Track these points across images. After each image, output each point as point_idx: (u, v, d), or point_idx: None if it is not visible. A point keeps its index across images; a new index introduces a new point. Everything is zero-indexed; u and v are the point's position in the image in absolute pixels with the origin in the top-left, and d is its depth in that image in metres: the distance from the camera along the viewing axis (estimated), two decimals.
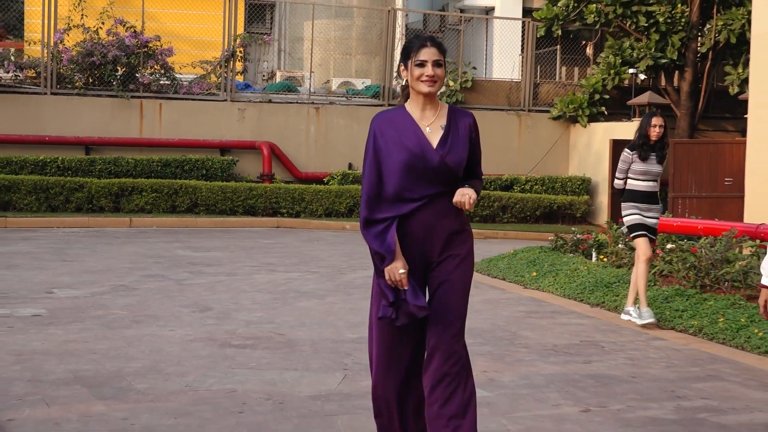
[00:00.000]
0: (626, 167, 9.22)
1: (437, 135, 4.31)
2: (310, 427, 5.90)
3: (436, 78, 4.28)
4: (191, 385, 6.76)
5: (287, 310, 9.78)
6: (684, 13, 20.72)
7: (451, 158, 4.26)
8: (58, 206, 18.15)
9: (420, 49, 4.29)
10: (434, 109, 4.40)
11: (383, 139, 4.29)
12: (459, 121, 4.41)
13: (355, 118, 21.63)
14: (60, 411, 6.03)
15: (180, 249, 14.52)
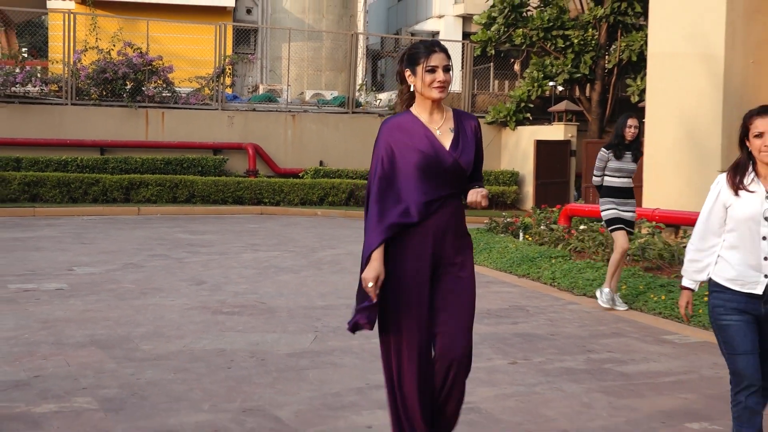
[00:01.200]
0: (603, 165, 8.58)
1: (448, 137, 3.83)
2: (286, 379, 5.94)
3: (445, 83, 3.78)
4: (188, 346, 6.81)
5: (268, 283, 9.78)
6: (594, 36, 20.83)
7: (464, 159, 3.80)
8: (77, 198, 18.04)
9: (430, 55, 3.76)
10: (441, 112, 3.89)
11: (395, 143, 3.80)
12: (465, 123, 3.93)
13: (324, 123, 21.61)
14: (78, 368, 6.05)
15: (180, 233, 14.46)
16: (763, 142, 3.69)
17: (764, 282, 3.74)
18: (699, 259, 3.93)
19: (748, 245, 3.77)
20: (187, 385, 5.66)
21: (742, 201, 3.77)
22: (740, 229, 3.78)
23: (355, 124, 21.84)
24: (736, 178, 3.80)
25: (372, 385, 5.78)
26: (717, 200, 3.87)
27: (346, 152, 21.42)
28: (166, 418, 5.02)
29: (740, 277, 3.78)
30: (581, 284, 9.75)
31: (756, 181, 3.78)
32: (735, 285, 3.80)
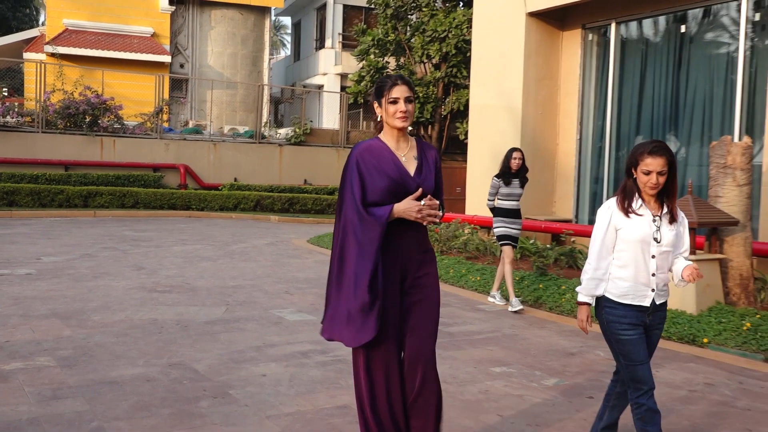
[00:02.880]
0: (495, 191, 7.75)
1: (412, 164, 3.23)
2: (203, 341, 5.83)
3: (407, 113, 3.17)
4: (128, 316, 6.59)
5: (192, 269, 9.56)
6: (434, 91, 21.19)
7: (426, 185, 3.20)
8: (46, 204, 17.26)
9: (392, 88, 3.17)
10: (406, 141, 3.28)
11: (365, 165, 3.15)
12: (427, 153, 3.32)
13: (238, 150, 21.30)
14: (41, 335, 5.79)
15: (126, 231, 14.00)
16: (650, 179, 3.23)
17: (651, 295, 3.33)
18: (598, 277, 3.39)
19: (639, 264, 3.31)
20: (126, 347, 5.49)
21: (632, 224, 3.30)
22: (631, 249, 3.31)
23: (261, 150, 21.65)
24: (625, 202, 3.33)
25: (267, 345, 5.73)
26: (609, 224, 3.37)
27: (254, 172, 21.24)
28: (109, 371, 4.86)
29: (631, 292, 3.32)
30: None
31: (644, 206, 3.32)
32: (626, 299, 3.33)
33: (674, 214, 3.35)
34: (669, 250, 3.34)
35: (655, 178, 3.22)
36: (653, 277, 3.31)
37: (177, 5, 25.96)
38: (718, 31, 9.53)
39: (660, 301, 3.38)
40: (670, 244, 3.33)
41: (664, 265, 3.35)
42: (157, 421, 3.97)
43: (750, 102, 9.00)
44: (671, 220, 3.33)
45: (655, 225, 3.30)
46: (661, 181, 3.24)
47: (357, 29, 22.79)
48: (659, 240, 3.29)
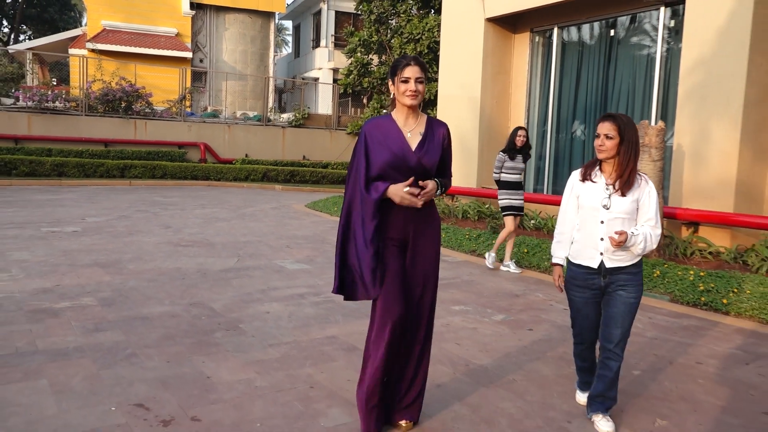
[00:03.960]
0: (500, 165, 7.06)
1: (416, 140, 2.88)
2: (218, 285, 5.82)
3: (417, 92, 2.84)
4: (157, 265, 6.55)
5: (211, 227, 9.50)
6: None
7: (427, 160, 2.86)
8: (89, 174, 16.95)
9: (405, 68, 2.83)
10: (415, 118, 2.92)
11: (371, 139, 2.85)
12: (435, 129, 2.94)
13: (248, 131, 21.02)
14: (85, 280, 5.75)
15: (156, 197, 13.85)
16: (597, 141, 3.00)
17: (599, 258, 3.04)
18: (561, 240, 3.19)
19: (590, 227, 3.05)
20: (155, 290, 5.47)
21: (586, 190, 3.06)
22: (584, 214, 3.07)
23: (267, 132, 21.39)
24: (586, 171, 3.10)
25: (271, 288, 5.74)
26: (572, 191, 3.14)
27: (261, 149, 21.00)
28: (141, 309, 4.86)
29: (582, 253, 3.09)
30: None
31: (599, 175, 3.06)
32: (578, 260, 3.11)
33: (630, 182, 2.98)
34: (623, 217, 2.99)
35: (602, 140, 2.98)
36: (601, 241, 3.02)
37: (197, 10, 25.39)
38: (640, 35, 9.49)
39: (612, 264, 3.03)
40: (624, 211, 2.98)
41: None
42: (181, 349, 3.99)
43: (665, 94, 9.02)
44: (625, 188, 2.98)
45: (607, 192, 3.01)
46: (608, 144, 2.97)
47: (346, 31, 22.44)
48: (608, 207, 2.99)
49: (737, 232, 7.36)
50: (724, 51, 7.39)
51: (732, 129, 7.30)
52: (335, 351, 4.06)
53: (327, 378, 3.60)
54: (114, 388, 3.33)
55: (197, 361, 3.79)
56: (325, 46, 28.27)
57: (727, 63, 7.36)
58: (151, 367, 3.65)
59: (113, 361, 3.73)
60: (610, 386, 3.08)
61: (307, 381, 3.54)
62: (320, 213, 12.26)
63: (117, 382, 3.41)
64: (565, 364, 4.03)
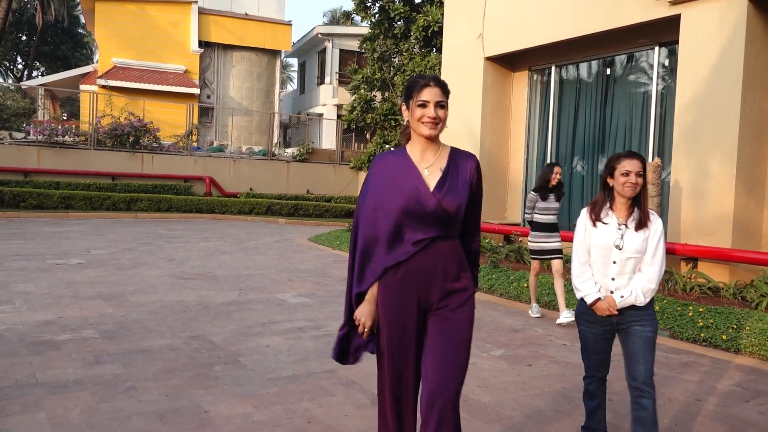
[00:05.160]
0: (532, 206, 6.45)
1: (435, 177, 2.26)
2: (219, 318, 5.80)
3: (438, 120, 2.24)
4: (159, 298, 6.54)
5: (214, 260, 9.52)
6: None
7: (448, 202, 2.21)
8: (96, 207, 17.10)
9: (422, 89, 2.24)
10: (435, 150, 2.30)
11: (383, 181, 2.27)
12: (461, 163, 2.31)
13: (253, 165, 21.20)
14: (88, 312, 5.75)
15: (161, 230, 13.91)
16: (629, 179, 2.80)
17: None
18: (587, 276, 2.94)
19: (602, 267, 2.90)
20: (156, 323, 5.46)
21: (598, 231, 2.90)
22: (596, 253, 2.91)
23: (272, 166, 21.57)
24: (593, 213, 2.93)
25: (271, 322, 5.72)
26: (585, 230, 2.96)
27: (266, 183, 21.15)
28: (141, 342, 4.84)
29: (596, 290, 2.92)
30: None
31: (610, 215, 2.89)
32: None
33: (644, 221, 2.86)
34: (635, 256, 2.86)
35: (634, 178, 2.81)
36: (612, 281, 2.89)
37: (205, 48, 25.87)
38: (637, 74, 9.63)
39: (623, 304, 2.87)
40: (636, 251, 2.85)
41: (627, 271, 2.87)
42: (180, 382, 3.96)
43: (661, 131, 9.10)
44: (639, 227, 2.85)
45: (619, 232, 2.86)
46: (639, 182, 2.83)
47: (350, 69, 22.83)
48: (621, 247, 2.85)
49: (736, 268, 7.33)
50: (718, 88, 7.48)
51: (727, 164, 7.35)
52: (334, 385, 4.03)
53: (325, 412, 3.56)
54: (112, 422, 3.31)
55: (196, 394, 3.76)
56: (329, 83, 28.69)
57: (720, 100, 7.45)
58: (149, 401, 3.62)
59: (112, 394, 3.71)
60: (651, 427, 2.80)
61: (304, 416, 3.51)
62: (323, 246, 12.27)
63: (115, 416, 3.39)
64: (563, 400, 3.98)
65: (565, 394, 4.09)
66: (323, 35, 28.40)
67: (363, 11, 21.33)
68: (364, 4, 21.04)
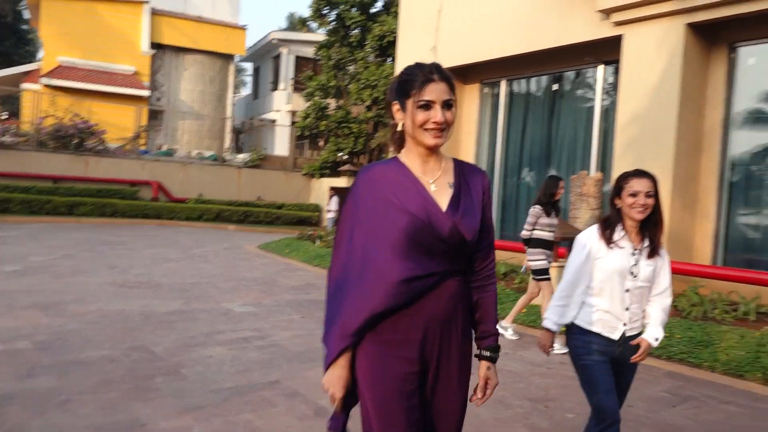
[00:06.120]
0: (534, 221, 5.85)
1: (446, 195, 1.76)
2: (162, 328, 5.69)
3: (446, 125, 1.72)
4: (100, 307, 6.37)
5: (158, 268, 9.33)
6: (366, 129, 21.34)
7: (466, 225, 1.73)
8: (35, 211, 16.50)
9: (425, 86, 1.71)
10: (438, 161, 1.80)
11: (375, 199, 1.74)
12: (470, 178, 1.83)
13: (203, 170, 20.88)
14: (22, 322, 5.55)
15: (105, 236, 13.54)
16: (637, 200, 2.55)
17: (622, 329, 2.62)
18: (567, 304, 2.67)
19: (614, 296, 2.60)
20: (95, 333, 5.32)
21: (612, 255, 2.59)
22: (607, 280, 2.60)
23: (223, 171, 21.29)
24: (607, 232, 2.62)
25: (216, 332, 5.66)
26: (588, 253, 2.63)
27: (216, 189, 20.86)
28: (79, 353, 4.71)
29: (603, 323, 2.62)
30: None
31: (625, 237, 2.61)
32: (596, 328, 2.62)
33: (656, 247, 2.63)
34: (646, 285, 2.64)
35: (643, 199, 2.56)
36: (626, 311, 2.62)
37: (156, 49, 25.36)
38: (581, 89, 9.96)
39: (631, 333, 2.67)
40: (647, 279, 2.63)
41: (639, 300, 2.65)
42: (117, 395, 3.88)
43: (604, 145, 9.44)
44: (651, 254, 2.62)
45: (634, 259, 2.60)
46: (649, 202, 2.57)
47: (305, 76, 22.78)
48: (636, 275, 2.59)
49: None
50: (656, 107, 7.83)
51: (665, 180, 7.68)
52: (276, 397, 4.02)
53: (266, 424, 3.55)
54: None
55: (134, 407, 3.69)
56: (284, 89, 28.54)
57: (658, 118, 7.79)
58: (84, 415, 3.53)
59: (45, 408, 3.60)
60: None
61: (246, 427, 3.49)
62: (272, 254, 12.18)
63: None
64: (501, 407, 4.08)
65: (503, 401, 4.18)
66: (279, 41, 28.26)
67: (319, 18, 21.37)
68: (320, 11, 21.08)
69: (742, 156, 7.86)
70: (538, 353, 5.52)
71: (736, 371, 5.02)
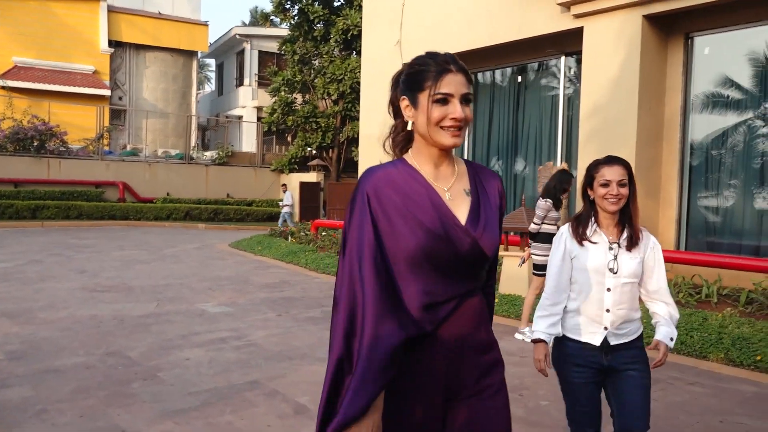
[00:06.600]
0: (545, 214, 5.56)
1: (463, 205, 1.52)
2: (137, 332, 5.65)
3: (466, 121, 1.46)
4: (71, 313, 6.29)
5: (130, 271, 9.22)
6: (334, 122, 21.30)
7: (487, 240, 1.49)
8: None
9: (442, 77, 1.45)
10: (451, 164, 1.56)
11: (382, 207, 1.44)
12: (487, 184, 1.60)
13: (170, 169, 20.63)
14: None
15: (71, 239, 13.28)
16: (609, 190, 2.31)
17: (603, 333, 2.34)
18: (555, 312, 2.41)
19: (591, 297, 2.35)
20: (69, 340, 5.26)
21: (586, 252, 2.36)
22: (584, 280, 2.36)
23: (190, 170, 21.05)
24: (579, 228, 2.40)
25: (192, 333, 5.64)
26: (564, 253, 2.41)
27: (184, 187, 20.62)
28: (53, 361, 4.66)
29: (580, 327, 2.36)
30: (322, 266, 9.94)
31: (598, 232, 2.38)
32: (574, 334, 2.38)
33: (636, 239, 2.36)
34: (631, 281, 2.35)
35: (615, 189, 2.32)
36: (607, 313, 2.34)
37: (116, 47, 24.85)
38: (545, 80, 10.13)
39: (617, 341, 2.35)
40: (632, 274, 2.35)
41: (625, 301, 2.35)
42: (95, 402, 3.86)
43: (568, 136, 9.63)
44: (631, 246, 2.35)
45: (612, 253, 2.35)
46: (622, 192, 2.32)
47: (270, 71, 22.61)
48: (615, 270, 2.33)
49: None
50: (617, 97, 8.02)
51: None
52: (256, 397, 4.05)
53: (247, 424, 3.58)
54: None
55: (112, 413, 3.68)
56: (248, 85, 28.27)
57: (619, 108, 7.99)
58: (62, 423, 3.51)
59: (22, 419, 3.56)
60: None
61: (227, 428, 3.51)
62: (244, 252, 12.12)
63: None
64: None
65: None
66: (241, 36, 27.94)
67: (282, 13, 21.20)
68: (283, 6, 20.91)
69: (701, 141, 8.12)
70: (511, 342, 5.65)
71: (701, 353, 5.21)
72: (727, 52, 7.84)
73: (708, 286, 6.81)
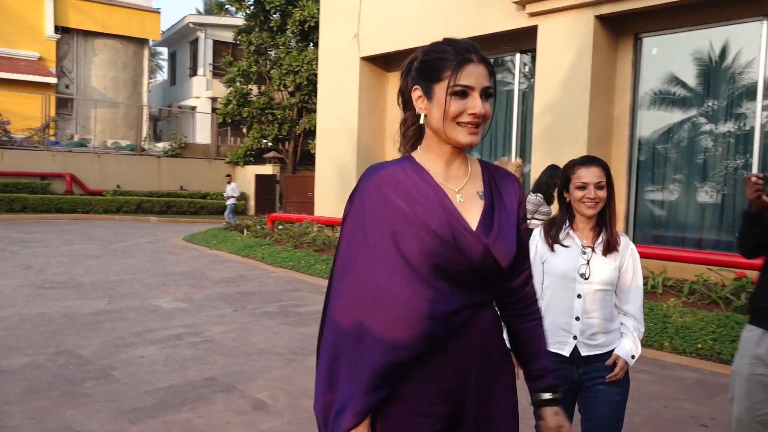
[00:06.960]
0: (535, 209, 5.35)
1: (475, 209, 1.35)
2: (88, 330, 5.52)
3: (485, 117, 1.31)
4: (18, 311, 6.09)
5: (79, 266, 8.96)
6: (290, 114, 21.10)
7: (501, 247, 1.33)
8: None
9: (462, 67, 1.28)
10: (464, 163, 1.40)
11: (386, 213, 1.30)
12: (502, 185, 1.43)
13: (120, 161, 20.06)
14: None
15: (15, 233, 12.81)
16: (587, 193, 2.16)
17: (572, 343, 2.17)
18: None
19: (562, 303, 2.19)
20: (15, 339, 5.10)
21: (557, 256, 2.21)
22: (555, 285, 2.20)
23: (142, 161, 20.52)
24: (551, 231, 2.25)
25: (146, 330, 5.54)
26: (535, 257, 2.27)
27: (135, 179, 20.10)
28: (0, 361, 4.51)
29: (549, 336, 2.06)
30: (279, 260, 9.88)
31: (571, 235, 2.22)
32: None
33: (613, 244, 2.19)
34: (605, 289, 2.18)
35: (593, 192, 2.16)
36: (576, 321, 2.17)
37: (62, 34, 23.95)
38: (500, 76, 10.29)
39: (589, 352, 2.17)
40: (606, 281, 2.17)
41: (597, 309, 2.17)
42: (46, 402, 3.77)
43: (522, 132, 9.82)
44: (607, 251, 2.18)
45: (584, 258, 2.18)
46: (600, 195, 2.17)
47: (225, 61, 22.20)
48: (587, 276, 2.16)
49: None
50: (569, 95, 8.22)
51: None
52: (213, 393, 4.02)
53: (205, 422, 3.56)
54: None
55: (65, 414, 3.60)
56: (203, 75, 27.72)
57: (572, 106, 8.20)
58: (13, 426, 3.42)
59: None
60: None
61: (184, 426, 3.49)
62: (199, 246, 11.93)
63: None
64: None
65: None
66: (195, 24, 27.33)
67: (237, 2, 20.84)
68: None
69: (648, 138, 8.42)
70: None
71: (647, 342, 5.43)
72: (674, 52, 8.13)
73: (654, 278, 7.07)
